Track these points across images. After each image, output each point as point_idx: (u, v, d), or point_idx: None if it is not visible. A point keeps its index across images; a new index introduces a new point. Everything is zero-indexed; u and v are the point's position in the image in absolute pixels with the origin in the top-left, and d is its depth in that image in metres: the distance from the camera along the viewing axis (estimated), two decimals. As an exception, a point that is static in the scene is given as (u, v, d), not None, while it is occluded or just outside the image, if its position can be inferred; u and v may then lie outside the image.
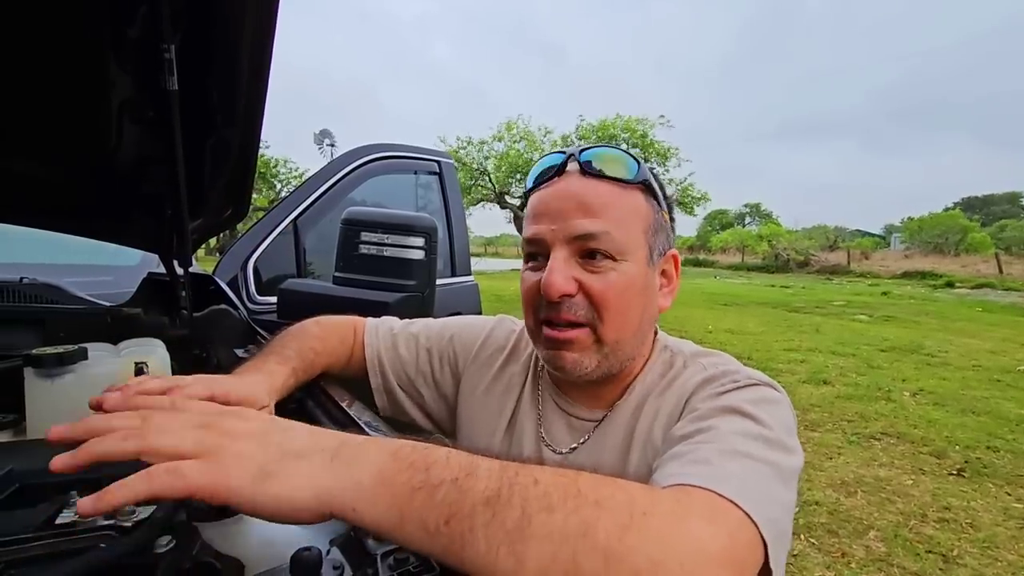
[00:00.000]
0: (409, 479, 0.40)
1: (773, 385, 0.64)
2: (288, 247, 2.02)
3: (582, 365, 0.69)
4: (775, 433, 0.55)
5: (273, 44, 0.84)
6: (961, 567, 2.23)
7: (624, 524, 0.39)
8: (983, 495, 2.87)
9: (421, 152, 2.53)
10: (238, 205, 1.10)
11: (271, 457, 0.42)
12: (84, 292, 1.15)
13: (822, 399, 4.54)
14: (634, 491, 0.42)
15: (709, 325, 8.39)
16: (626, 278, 0.67)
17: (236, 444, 0.42)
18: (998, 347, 6.84)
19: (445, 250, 2.50)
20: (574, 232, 0.66)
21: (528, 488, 0.40)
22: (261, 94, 0.89)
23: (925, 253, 27.94)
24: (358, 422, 0.67)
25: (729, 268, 29.23)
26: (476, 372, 0.89)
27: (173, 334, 1.02)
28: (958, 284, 17.26)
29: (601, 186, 0.67)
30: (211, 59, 0.84)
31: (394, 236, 1.49)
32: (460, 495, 0.39)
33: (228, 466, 0.40)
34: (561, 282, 0.65)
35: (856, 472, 3.13)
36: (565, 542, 0.38)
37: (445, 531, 0.38)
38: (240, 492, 0.40)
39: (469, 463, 0.42)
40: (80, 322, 1.01)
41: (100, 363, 0.81)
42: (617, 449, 0.71)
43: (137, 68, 0.81)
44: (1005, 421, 3.99)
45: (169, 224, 0.99)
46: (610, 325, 0.67)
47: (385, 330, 0.95)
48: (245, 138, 0.94)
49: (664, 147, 18.25)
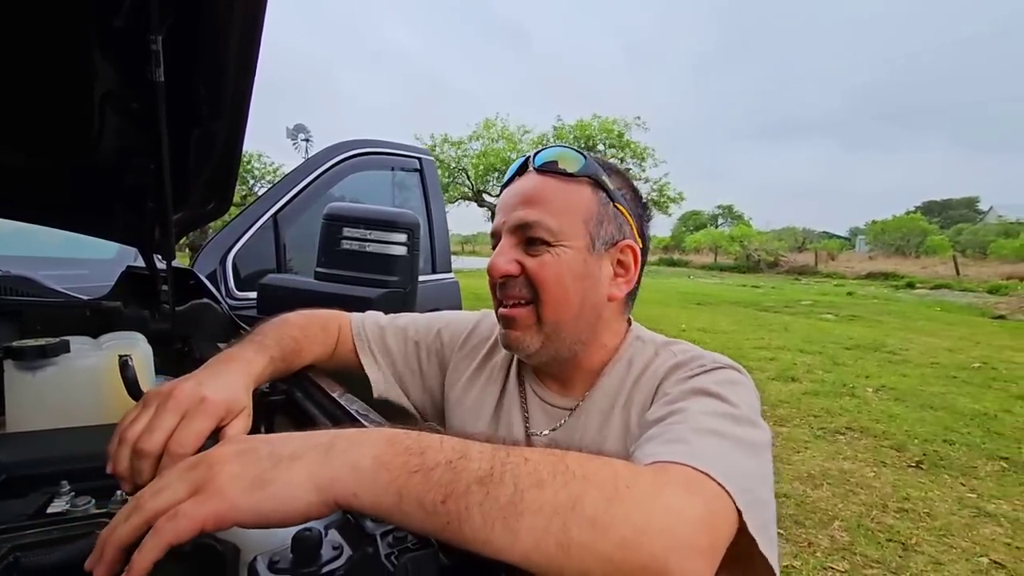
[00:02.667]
0: (405, 462, 0.42)
1: (737, 368, 0.69)
2: (268, 242, 1.99)
3: (525, 343, 0.75)
4: (742, 411, 0.60)
5: (261, 36, 0.84)
6: (919, 554, 2.34)
7: (610, 496, 0.42)
8: (940, 486, 3.01)
9: (402, 149, 2.52)
10: (221, 198, 1.09)
11: (264, 467, 0.42)
12: (59, 285, 1.12)
13: (790, 395, 4.68)
14: (618, 466, 0.46)
15: (683, 324, 8.54)
16: (560, 261, 0.72)
17: (226, 467, 0.42)
18: (955, 345, 7.15)
19: (426, 247, 2.50)
20: (515, 222, 0.73)
21: (519, 466, 0.42)
22: (248, 87, 0.89)
23: (888, 255, 28.86)
24: (350, 411, 0.68)
25: (702, 268, 29.73)
26: (462, 363, 0.92)
27: (155, 328, 1.01)
28: (918, 285, 17.93)
29: (546, 181, 0.74)
30: (198, 51, 0.84)
31: (377, 232, 1.49)
32: (455, 475, 0.41)
33: (224, 489, 0.41)
34: (502, 263, 0.73)
35: (822, 465, 3.25)
36: (556, 514, 0.40)
37: (442, 510, 0.40)
38: (242, 507, 0.40)
39: (462, 446, 0.44)
40: (59, 315, 0.99)
41: (82, 356, 0.80)
42: (592, 433, 0.75)
43: (122, 59, 0.80)
44: (960, 416, 4.18)
45: (151, 217, 0.98)
46: (548, 305, 0.73)
47: (372, 323, 0.96)
48: (231, 131, 0.94)
49: (640, 148, 18.47)
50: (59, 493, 0.54)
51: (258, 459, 0.43)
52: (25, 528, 0.47)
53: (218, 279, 1.83)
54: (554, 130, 18.46)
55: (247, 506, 0.40)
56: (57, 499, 0.53)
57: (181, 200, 0.99)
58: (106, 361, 0.80)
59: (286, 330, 0.85)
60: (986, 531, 2.53)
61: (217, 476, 0.41)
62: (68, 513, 0.51)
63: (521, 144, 18.00)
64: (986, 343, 7.40)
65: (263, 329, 0.84)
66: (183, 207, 1.03)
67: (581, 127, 18.08)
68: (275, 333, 0.83)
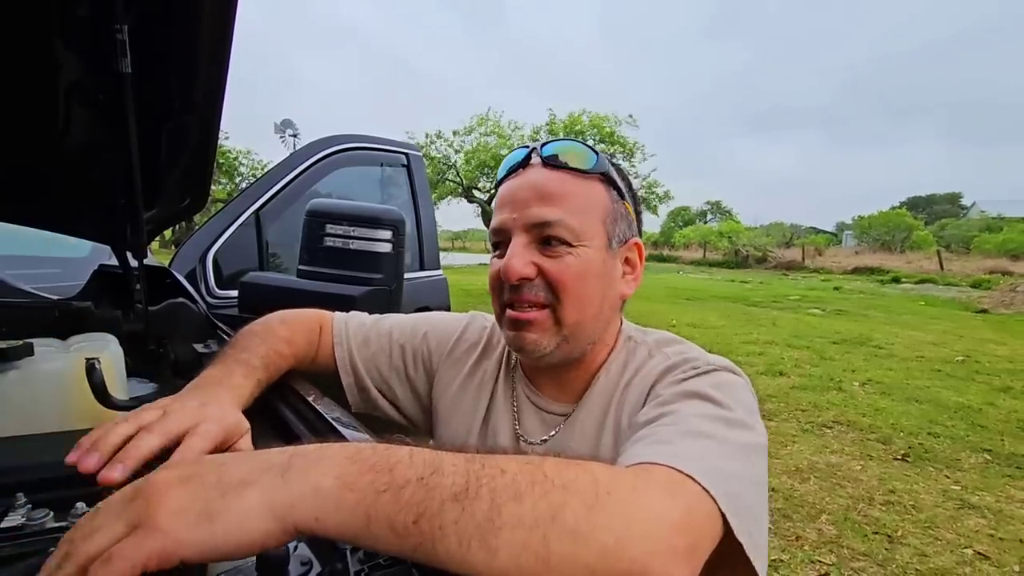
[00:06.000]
0: (372, 481, 0.39)
1: (733, 369, 0.67)
2: (250, 239, 1.95)
3: (541, 345, 0.71)
4: (735, 414, 0.58)
5: (234, 27, 0.80)
6: (905, 546, 2.37)
7: (590, 504, 0.40)
8: (925, 478, 3.05)
9: (389, 144, 2.48)
10: (196, 194, 1.06)
11: (211, 496, 0.38)
12: (28, 285, 1.08)
13: (778, 390, 4.72)
14: (597, 471, 0.44)
15: (672, 319, 8.58)
16: (582, 262, 0.69)
17: (168, 499, 0.37)
18: (939, 339, 7.25)
19: (413, 244, 2.47)
20: (532, 220, 0.69)
21: (495, 479, 0.40)
22: (221, 78, 0.85)
23: (874, 250, 29.22)
24: (327, 419, 0.66)
25: (692, 264, 29.96)
26: (450, 369, 0.89)
27: (127, 329, 0.97)
28: (903, 279, 18.20)
29: (560, 176, 0.70)
30: (168, 41, 0.81)
31: (361, 228, 1.46)
32: (427, 493, 0.38)
33: (166, 525, 0.36)
34: (520, 266, 0.68)
35: (809, 459, 3.27)
36: (536, 527, 0.38)
37: (415, 530, 0.38)
38: (188, 543, 0.36)
39: (434, 460, 0.41)
40: (25, 316, 0.95)
41: (47, 359, 0.76)
42: (588, 439, 0.73)
43: (87, 49, 0.76)
44: (945, 409, 4.24)
45: (122, 214, 0.94)
46: (569, 307, 0.70)
47: (355, 325, 0.93)
48: (204, 124, 0.91)
49: (631, 143, 18.50)
50: (14, 506, 0.51)
51: (203, 487, 0.39)
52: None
53: (198, 277, 1.79)
54: (547, 125, 18.41)
55: (194, 541, 0.36)
56: (12, 512, 0.50)
57: (154, 196, 0.96)
58: (73, 364, 0.77)
59: (273, 344, 0.81)
60: (970, 523, 2.57)
61: (157, 510, 0.37)
62: (23, 527, 0.49)
63: (512, 140, 17.94)
64: (969, 337, 7.52)
65: (248, 343, 0.79)
66: (156, 203, 0.99)
67: (572, 122, 18.06)
68: (262, 350, 0.78)
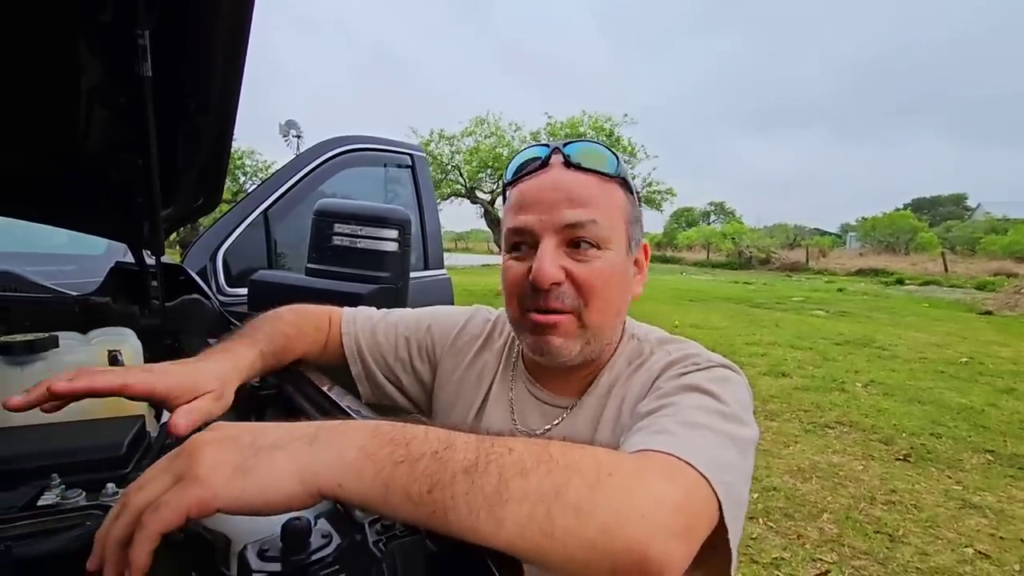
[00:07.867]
0: (391, 453, 0.42)
1: (732, 367, 0.69)
2: (258, 238, 1.98)
3: (567, 350, 0.71)
4: (731, 408, 0.60)
5: (249, 31, 0.83)
6: (906, 545, 2.38)
7: (592, 483, 0.43)
8: (926, 479, 3.06)
9: (393, 145, 2.52)
10: (210, 194, 1.09)
11: (246, 455, 0.42)
12: (47, 281, 1.11)
13: (781, 390, 4.73)
14: (600, 455, 0.46)
15: (675, 320, 8.58)
16: (610, 266, 0.70)
17: (206, 455, 0.42)
18: (943, 341, 7.23)
19: (418, 244, 2.50)
20: (563, 221, 0.68)
21: (503, 456, 0.43)
22: (236, 81, 0.88)
23: (878, 252, 29.05)
24: (340, 405, 0.69)
25: (695, 265, 29.89)
26: (452, 359, 0.91)
27: (144, 324, 1.00)
28: (907, 281, 18.12)
29: (587, 179, 0.70)
30: (185, 46, 0.84)
31: (368, 228, 1.49)
32: (440, 466, 0.42)
33: (205, 477, 0.40)
34: (553, 271, 0.67)
35: (811, 459, 3.28)
36: (540, 502, 0.41)
37: (428, 499, 0.41)
38: (223, 494, 0.40)
39: (447, 437, 0.44)
40: (47, 311, 0.99)
41: (71, 351, 0.80)
42: (589, 430, 0.75)
43: (109, 53, 0.79)
44: (947, 410, 4.24)
45: (140, 213, 0.97)
46: (594, 311, 0.70)
47: (363, 318, 0.96)
48: (219, 126, 0.94)
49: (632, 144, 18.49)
50: (49, 486, 0.54)
51: (239, 447, 0.43)
52: (16, 520, 0.48)
53: (208, 275, 1.82)
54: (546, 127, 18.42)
55: (229, 493, 0.40)
56: (48, 492, 0.53)
57: (170, 196, 0.99)
58: (95, 356, 0.80)
59: (279, 326, 0.85)
60: (971, 522, 2.58)
61: (198, 464, 0.41)
62: (58, 505, 0.52)
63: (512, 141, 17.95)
64: (973, 338, 7.50)
65: (255, 324, 0.84)
66: (172, 203, 1.02)
67: (572, 124, 18.07)
68: (267, 329, 0.83)
